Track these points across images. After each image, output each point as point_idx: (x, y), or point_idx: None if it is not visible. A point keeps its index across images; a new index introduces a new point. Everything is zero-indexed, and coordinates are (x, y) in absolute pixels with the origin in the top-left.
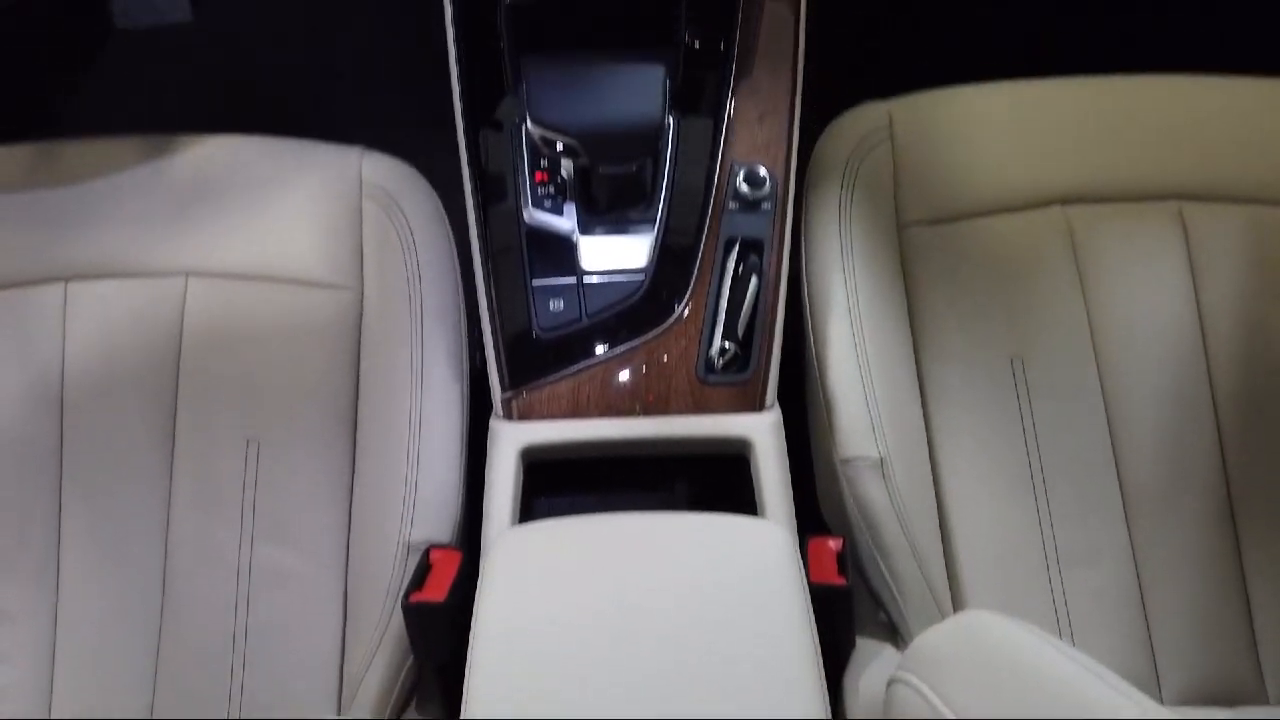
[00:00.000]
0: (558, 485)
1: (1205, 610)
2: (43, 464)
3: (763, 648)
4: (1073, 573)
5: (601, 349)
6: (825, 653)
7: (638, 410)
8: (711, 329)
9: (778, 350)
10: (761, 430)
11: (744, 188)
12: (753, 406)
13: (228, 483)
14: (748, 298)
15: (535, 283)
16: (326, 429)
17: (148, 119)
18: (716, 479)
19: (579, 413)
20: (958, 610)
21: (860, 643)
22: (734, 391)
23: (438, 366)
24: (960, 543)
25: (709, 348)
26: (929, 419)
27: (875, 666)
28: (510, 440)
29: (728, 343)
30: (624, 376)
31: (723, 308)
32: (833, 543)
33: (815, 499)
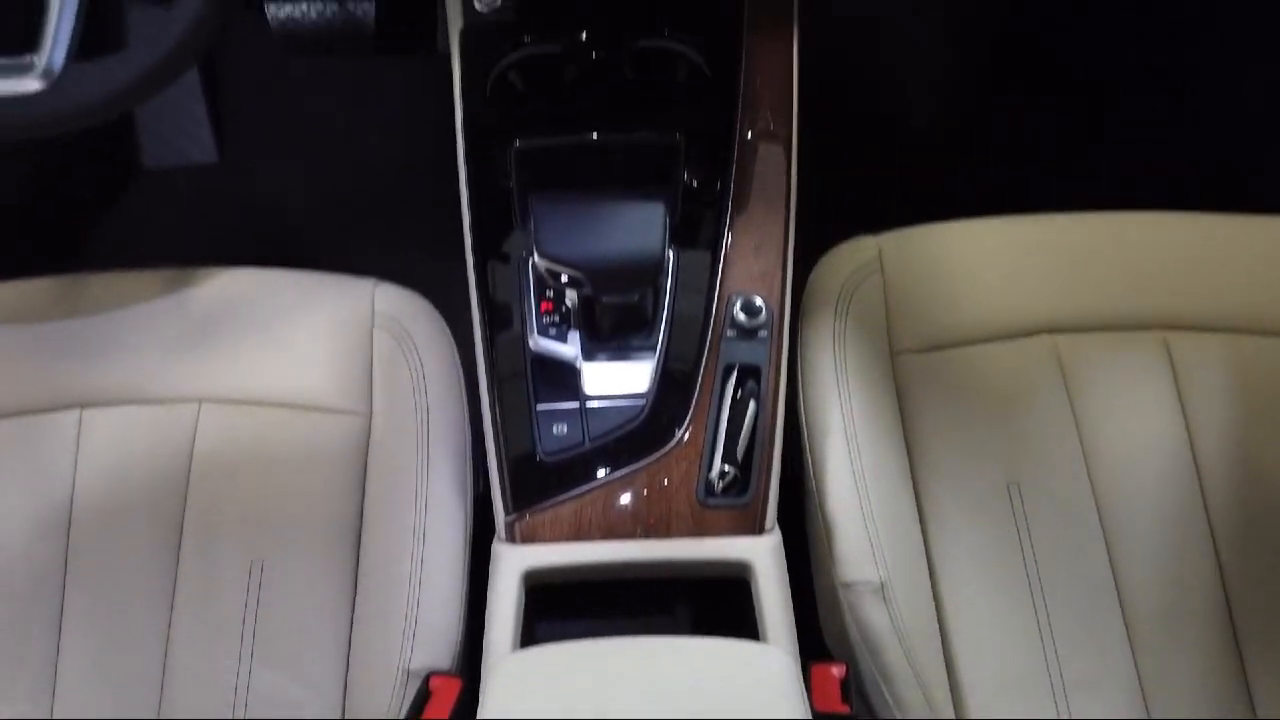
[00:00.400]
0: (559, 607)
1: None
2: (45, 585)
3: None
4: (1079, 699)
5: (603, 472)
6: None
7: (639, 533)
8: (711, 453)
9: (777, 474)
10: (762, 554)
11: (741, 316)
12: (753, 529)
13: (229, 605)
14: (746, 422)
15: (539, 407)
16: (330, 552)
17: (169, 252)
18: (718, 600)
19: (581, 535)
20: None
21: None
22: (734, 514)
23: (442, 491)
24: (964, 669)
25: (709, 471)
26: (929, 543)
27: None
28: (512, 564)
29: (727, 466)
30: (625, 499)
31: (722, 432)
32: (835, 669)
33: (817, 622)
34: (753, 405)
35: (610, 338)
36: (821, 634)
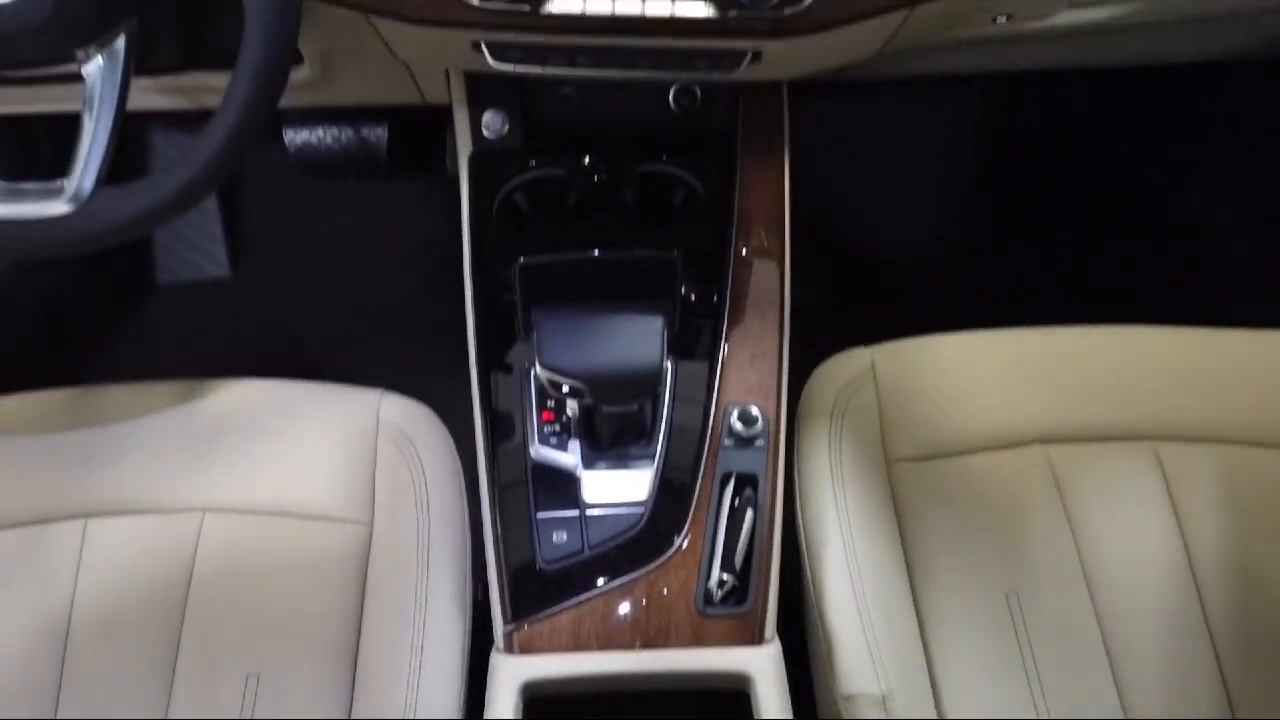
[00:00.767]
0: (558, 710)
1: None
2: (39, 696)
3: None
4: None
5: (603, 580)
6: None
7: (638, 644)
8: (710, 561)
9: (775, 583)
10: (762, 665)
11: (738, 426)
12: (752, 639)
13: (224, 717)
14: (744, 531)
15: (539, 515)
16: (327, 663)
17: (180, 365)
18: (719, 707)
19: (580, 646)
20: None
21: None
22: (733, 624)
23: (441, 601)
24: None
25: (708, 580)
26: (929, 653)
27: None
28: (510, 675)
29: (726, 575)
30: (624, 609)
31: (720, 540)
32: None
33: None
34: (750, 514)
35: (610, 447)
36: None
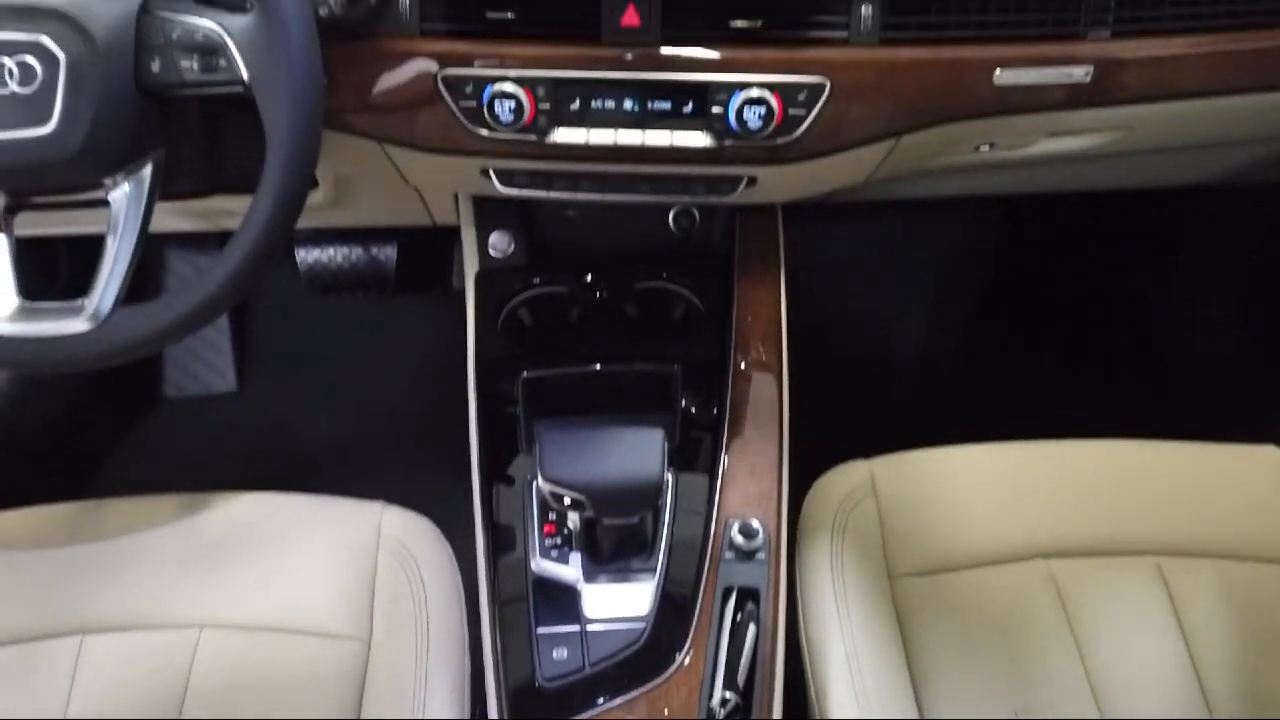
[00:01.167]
0: None
1: None
2: None
3: None
4: None
5: (603, 699)
6: None
7: None
8: (712, 679)
9: (779, 702)
10: None
11: (739, 539)
12: None
13: None
14: (746, 647)
15: (540, 631)
16: None
17: (183, 477)
18: None
19: None
20: None
21: None
22: None
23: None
24: None
25: (710, 699)
26: None
27: None
28: None
29: (729, 693)
30: None
31: (723, 657)
32: None
33: None
34: (753, 629)
35: (611, 560)
36: None
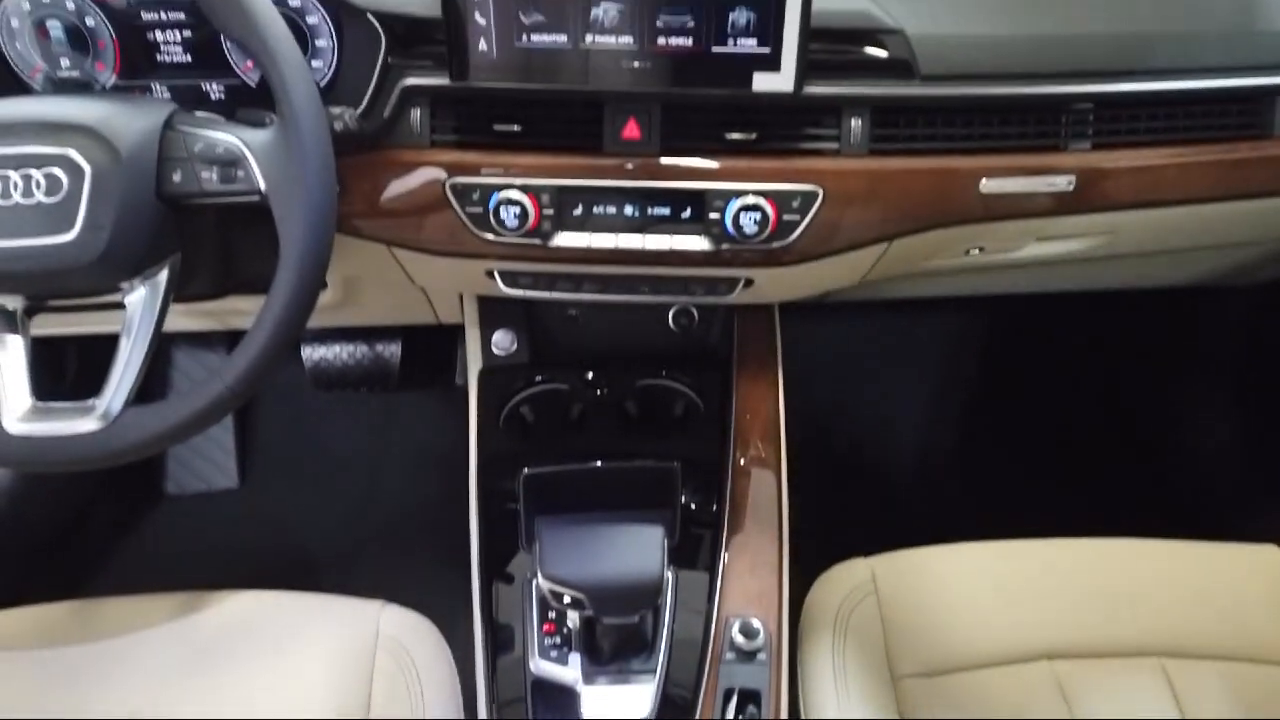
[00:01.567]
0: None
1: None
2: None
3: None
4: None
5: None
6: None
7: None
8: None
9: None
10: None
11: (740, 639)
12: None
13: None
14: None
15: None
16: None
17: (184, 575)
18: None
19: None
20: None
21: None
22: None
23: None
24: None
25: None
26: None
27: None
28: None
29: None
30: None
31: None
32: None
33: None
34: None
35: (611, 660)
36: None
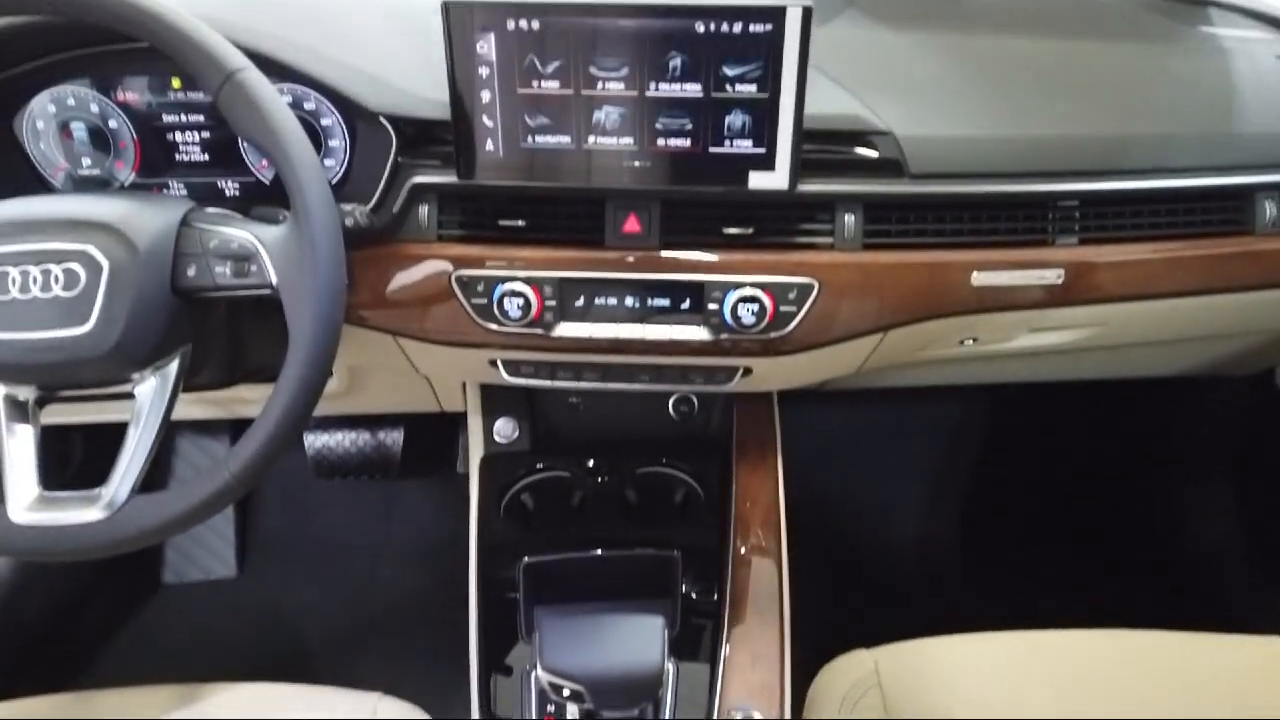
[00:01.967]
0: None
1: None
2: None
3: None
4: None
5: None
6: None
7: None
8: None
9: None
10: None
11: None
12: None
13: None
14: None
15: None
16: None
17: (180, 665)
18: None
19: None
20: None
21: None
22: None
23: None
24: None
25: None
26: None
27: None
28: None
29: None
30: None
31: None
32: None
33: None
34: None
35: None
36: None
